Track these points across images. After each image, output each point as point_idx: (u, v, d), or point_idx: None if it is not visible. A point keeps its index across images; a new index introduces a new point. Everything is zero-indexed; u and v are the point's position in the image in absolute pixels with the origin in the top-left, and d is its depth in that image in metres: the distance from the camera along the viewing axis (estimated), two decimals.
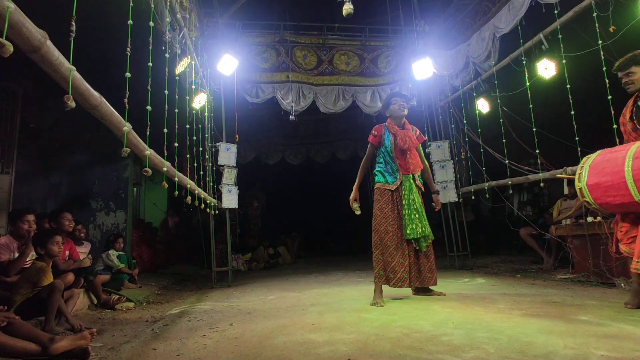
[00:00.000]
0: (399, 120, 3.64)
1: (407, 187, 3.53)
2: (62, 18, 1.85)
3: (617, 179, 2.44)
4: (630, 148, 2.46)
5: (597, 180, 2.56)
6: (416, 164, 3.62)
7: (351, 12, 4.33)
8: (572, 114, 3.92)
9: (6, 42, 1.33)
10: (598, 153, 2.71)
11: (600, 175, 2.54)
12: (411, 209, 3.46)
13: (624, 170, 2.40)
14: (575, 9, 3.89)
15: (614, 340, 1.94)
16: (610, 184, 2.48)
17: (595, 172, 2.58)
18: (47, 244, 2.99)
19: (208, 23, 5.85)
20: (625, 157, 2.43)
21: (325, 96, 6.36)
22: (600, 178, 2.54)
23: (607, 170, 2.51)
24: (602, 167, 2.55)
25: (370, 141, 3.67)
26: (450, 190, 6.15)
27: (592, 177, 2.60)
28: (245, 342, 2.28)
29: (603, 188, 2.52)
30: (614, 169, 2.47)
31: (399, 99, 3.64)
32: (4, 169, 5.34)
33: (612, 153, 2.58)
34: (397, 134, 3.57)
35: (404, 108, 3.62)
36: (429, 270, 3.50)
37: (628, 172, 2.37)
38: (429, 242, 3.52)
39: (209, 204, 4.92)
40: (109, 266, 4.69)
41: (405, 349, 1.97)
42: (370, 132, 3.67)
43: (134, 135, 2.42)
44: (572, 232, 4.34)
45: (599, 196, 2.56)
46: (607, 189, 2.50)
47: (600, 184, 2.54)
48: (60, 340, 2.09)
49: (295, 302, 3.60)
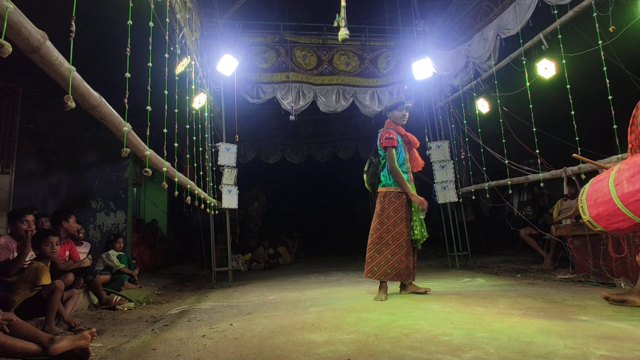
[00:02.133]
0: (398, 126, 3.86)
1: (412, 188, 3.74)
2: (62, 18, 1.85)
3: (611, 208, 2.50)
4: (610, 175, 2.54)
5: (596, 212, 2.61)
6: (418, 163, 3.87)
7: (347, 37, 4.44)
8: (572, 114, 3.92)
9: (5, 42, 1.32)
10: (590, 183, 2.75)
11: (597, 206, 2.60)
12: (417, 210, 3.68)
13: (612, 199, 2.47)
14: (575, 9, 3.89)
15: (614, 340, 1.94)
16: (608, 213, 2.53)
17: (591, 204, 2.64)
18: (40, 244, 2.99)
19: (208, 23, 5.85)
20: (609, 185, 2.51)
21: (326, 95, 6.36)
22: (598, 209, 2.59)
23: (599, 201, 2.57)
24: (594, 199, 2.62)
25: (390, 145, 3.70)
26: (450, 190, 6.15)
27: (591, 209, 2.65)
28: (245, 342, 2.28)
29: (605, 217, 2.57)
30: (604, 199, 2.53)
31: (405, 108, 3.86)
32: (4, 169, 5.34)
33: (598, 182, 2.65)
34: (407, 134, 3.83)
35: (404, 118, 3.86)
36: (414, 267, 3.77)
37: (616, 200, 2.44)
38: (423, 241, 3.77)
39: (209, 204, 4.92)
40: (109, 266, 4.69)
41: (405, 349, 1.97)
42: (385, 138, 3.71)
43: (133, 136, 2.42)
44: (572, 232, 4.34)
45: (606, 225, 2.60)
46: (609, 217, 2.54)
47: (601, 215, 2.58)
48: (61, 340, 2.09)
49: (295, 302, 3.60)
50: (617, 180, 2.47)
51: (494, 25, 5.09)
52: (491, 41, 5.10)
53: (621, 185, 2.42)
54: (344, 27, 4.37)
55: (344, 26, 4.36)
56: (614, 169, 2.56)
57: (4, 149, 5.34)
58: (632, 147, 2.79)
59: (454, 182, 6.18)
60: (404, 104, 3.86)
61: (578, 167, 4.06)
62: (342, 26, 4.37)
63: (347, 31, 4.40)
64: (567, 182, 4.39)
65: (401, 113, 3.82)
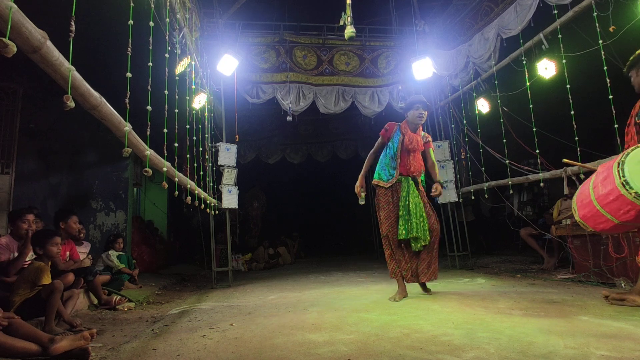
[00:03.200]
0: (413, 125, 3.74)
1: (406, 188, 3.63)
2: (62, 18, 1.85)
3: (592, 209, 2.57)
4: (591, 178, 2.62)
5: (583, 213, 2.68)
6: (417, 167, 3.71)
7: (353, 35, 4.39)
8: (572, 114, 3.92)
9: (10, 42, 1.33)
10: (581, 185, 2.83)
11: (582, 208, 2.68)
12: (405, 210, 3.56)
13: (592, 201, 2.55)
14: (575, 9, 3.89)
15: (615, 340, 1.94)
16: (592, 214, 2.60)
17: (579, 205, 2.71)
18: (46, 244, 2.98)
19: (208, 23, 5.85)
20: (589, 189, 2.59)
21: (325, 97, 6.36)
22: (583, 210, 2.67)
23: (584, 203, 2.65)
24: (580, 200, 2.70)
25: (380, 134, 3.80)
26: (450, 190, 6.15)
27: (579, 210, 2.72)
28: (245, 342, 2.28)
29: (590, 219, 2.63)
30: (586, 201, 2.61)
31: (422, 107, 3.68)
32: (4, 169, 5.35)
33: (584, 185, 2.73)
34: (406, 134, 3.70)
35: (422, 117, 3.69)
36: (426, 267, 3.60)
37: (595, 202, 2.52)
38: (423, 243, 3.53)
39: (209, 204, 4.92)
40: (109, 266, 4.69)
41: (405, 349, 1.96)
42: (384, 127, 3.78)
43: (134, 136, 2.42)
44: (572, 232, 4.34)
45: (594, 226, 2.67)
46: (594, 218, 2.61)
47: (586, 216, 2.65)
48: (61, 340, 2.09)
49: (295, 302, 3.60)
50: (594, 183, 2.56)
51: (494, 25, 5.09)
52: (492, 41, 5.10)
53: (597, 188, 2.51)
54: (350, 25, 4.35)
55: (350, 24, 4.35)
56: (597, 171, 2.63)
57: (4, 149, 5.34)
58: (628, 147, 2.79)
59: (454, 182, 6.18)
60: (420, 102, 3.68)
61: (578, 167, 4.06)
62: (348, 24, 4.36)
63: (353, 29, 4.37)
64: (567, 182, 4.38)
65: (418, 112, 3.66)
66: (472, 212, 8.12)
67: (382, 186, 3.68)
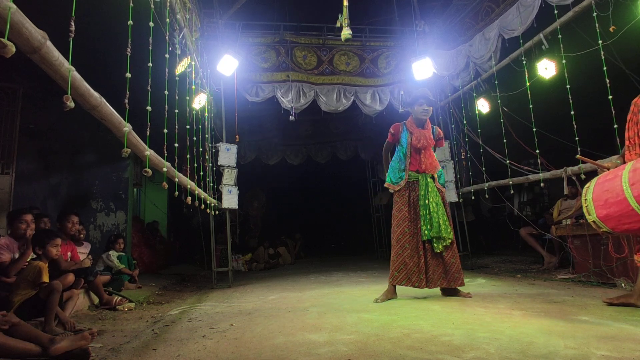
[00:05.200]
0: (419, 121, 3.68)
1: (424, 186, 3.55)
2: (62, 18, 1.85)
3: (624, 208, 2.40)
4: (623, 174, 2.45)
5: (606, 212, 2.52)
6: (431, 164, 3.64)
7: (350, 37, 4.41)
8: (572, 114, 3.92)
9: (8, 42, 1.32)
10: (595, 183, 2.67)
11: (607, 207, 2.51)
12: (427, 210, 3.48)
13: (627, 199, 2.37)
14: (575, 9, 3.89)
15: (615, 340, 1.94)
16: (620, 214, 2.44)
17: (601, 204, 2.55)
18: (46, 245, 2.98)
19: (208, 23, 5.85)
20: (622, 185, 2.41)
21: (326, 94, 6.35)
22: (608, 210, 2.50)
23: (610, 202, 2.48)
24: (605, 199, 2.52)
25: (388, 140, 3.78)
26: (450, 190, 6.14)
27: (599, 209, 2.56)
28: (245, 342, 2.28)
29: (615, 218, 2.49)
30: (617, 199, 2.44)
31: (425, 102, 3.63)
32: (4, 169, 5.35)
33: (608, 182, 2.56)
34: (414, 132, 3.63)
35: (426, 113, 3.63)
36: (456, 271, 3.47)
37: (632, 200, 2.34)
38: (444, 243, 3.47)
39: (209, 204, 4.92)
40: (109, 267, 4.69)
41: (405, 349, 1.96)
42: (389, 131, 3.73)
43: (134, 136, 2.41)
44: (572, 232, 4.34)
45: (616, 226, 2.53)
46: (620, 218, 2.46)
47: (611, 215, 2.50)
48: (61, 340, 2.08)
49: (295, 303, 3.60)
50: (632, 180, 2.35)
51: (495, 26, 5.08)
52: (493, 41, 5.09)
53: (638, 185, 2.31)
54: (346, 26, 4.37)
55: (346, 26, 4.36)
56: (626, 168, 2.45)
57: (4, 149, 5.34)
58: (630, 145, 2.77)
59: (454, 182, 6.18)
60: (424, 97, 3.61)
61: (578, 167, 4.06)
62: (344, 26, 4.37)
63: (349, 31, 4.39)
64: (568, 182, 4.38)
65: (421, 108, 3.59)
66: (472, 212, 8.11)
67: (399, 189, 3.61)
